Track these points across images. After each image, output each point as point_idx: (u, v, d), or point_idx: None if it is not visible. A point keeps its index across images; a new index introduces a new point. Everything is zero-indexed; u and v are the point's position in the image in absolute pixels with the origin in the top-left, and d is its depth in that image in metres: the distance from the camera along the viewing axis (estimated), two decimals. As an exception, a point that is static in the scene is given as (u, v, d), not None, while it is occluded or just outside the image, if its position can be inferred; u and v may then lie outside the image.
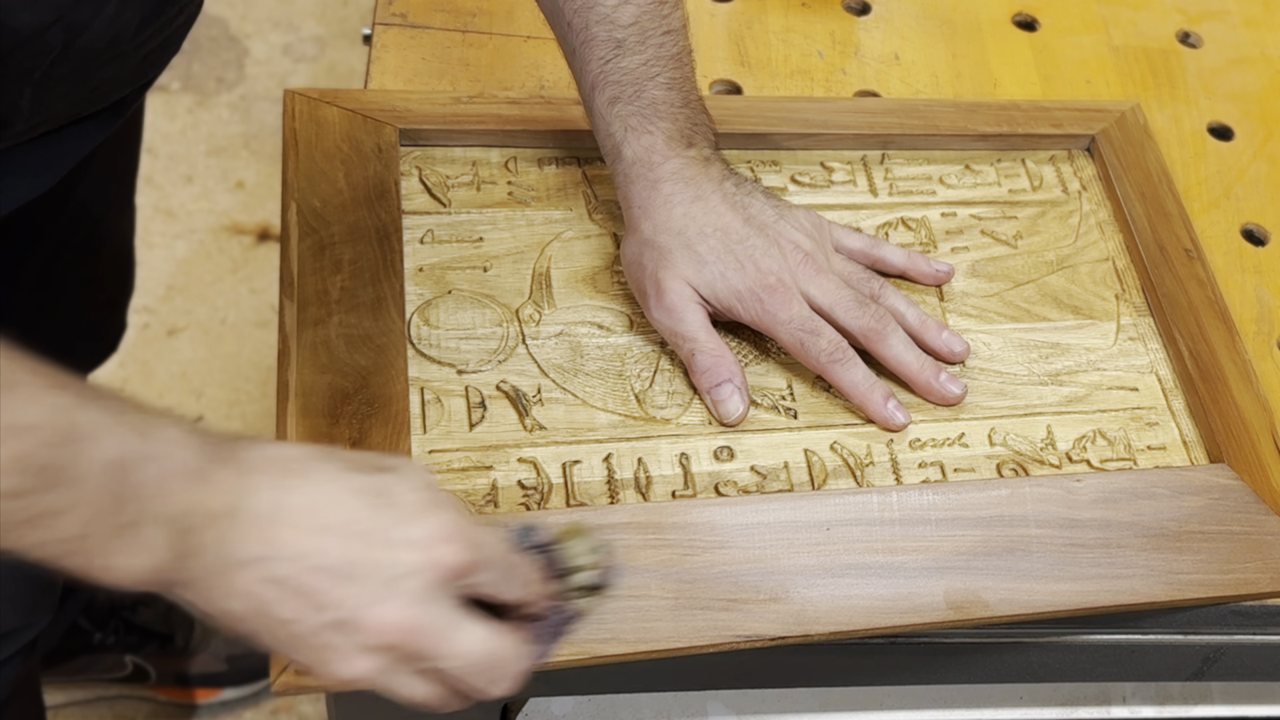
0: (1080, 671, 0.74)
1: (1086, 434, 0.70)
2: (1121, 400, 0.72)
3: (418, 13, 0.87)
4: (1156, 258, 0.77)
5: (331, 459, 0.51)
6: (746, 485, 0.66)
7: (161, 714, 1.30)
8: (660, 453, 0.66)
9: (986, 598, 0.62)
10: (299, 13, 1.94)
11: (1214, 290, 0.76)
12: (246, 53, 1.88)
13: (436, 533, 0.49)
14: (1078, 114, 0.84)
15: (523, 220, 0.75)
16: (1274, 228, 0.85)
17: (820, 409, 0.69)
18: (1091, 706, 0.82)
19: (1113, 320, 0.76)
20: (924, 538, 0.63)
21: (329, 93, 0.76)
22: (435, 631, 0.49)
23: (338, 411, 0.63)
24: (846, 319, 0.69)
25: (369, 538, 0.48)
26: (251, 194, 1.72)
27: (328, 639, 0.48)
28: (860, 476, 0.67)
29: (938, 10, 0.95)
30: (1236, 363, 0.73)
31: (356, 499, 0.49)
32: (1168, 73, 0.93)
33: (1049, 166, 0.83)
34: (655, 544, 0.61)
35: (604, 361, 0.69)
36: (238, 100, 1.82)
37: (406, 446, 0.63)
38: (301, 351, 0.65)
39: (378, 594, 0.48)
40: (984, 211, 0.80)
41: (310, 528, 0.48)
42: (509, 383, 0.68)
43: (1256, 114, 0.92)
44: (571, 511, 0.62)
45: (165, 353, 1.56)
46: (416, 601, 0.48)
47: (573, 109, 0.78)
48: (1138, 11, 0.97)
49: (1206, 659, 0.72)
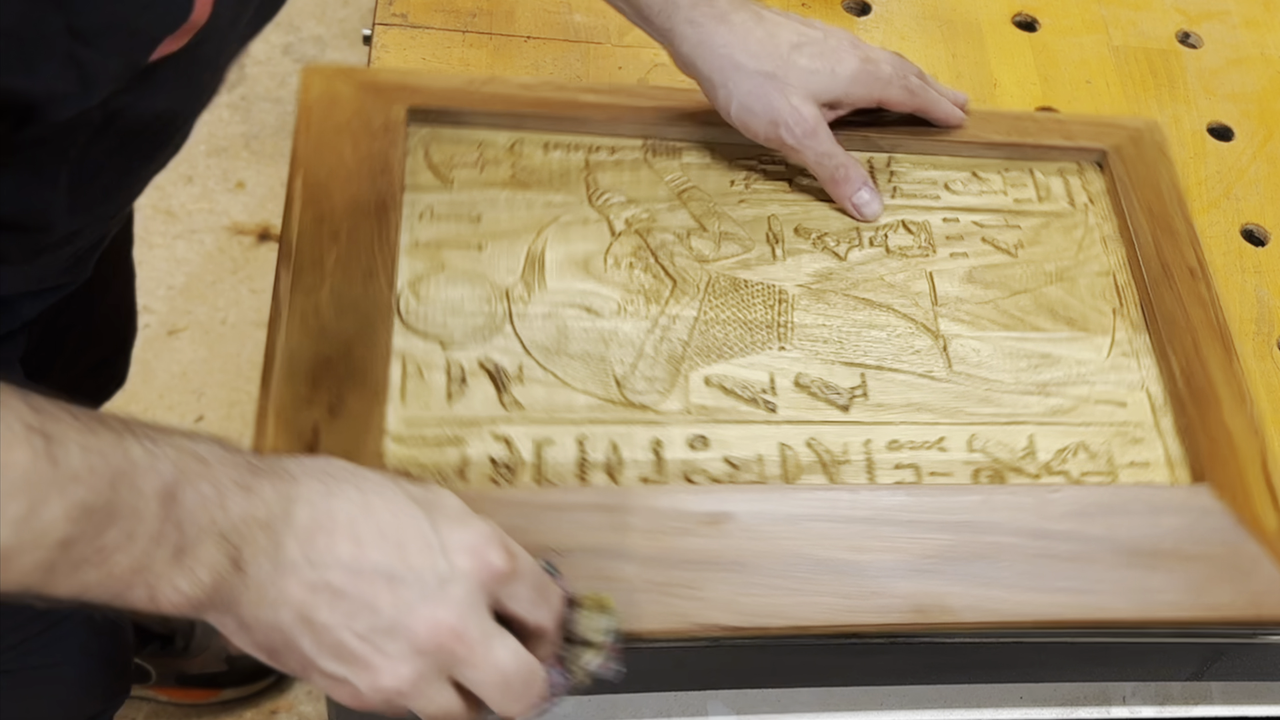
0: (1080, 671, 0.74)
1: (1069, 446, 0.70)
2: (1108, 415, 0.72)
3: (418, 13, 0.87)
4: (1158, 275, 0.77)
5: (373, 470, 0.51)
6: (718, 475, 0.66)
7: (162, 714, 1.30)
8: (635, 438, 0.66)
9: (952, 603, 0.62)
10: (299, 13, 1.94)
11: (1216, 312, 0.75)
12: (246, 53, 1.88)
13: (482, 538, 0.50)
14: (1091, 127, 0.84)
15: (522, 202, 0.75)
16: (1274, 228, 0.85)
17: (800, 404, 0.69)
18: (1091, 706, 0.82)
19: (1107, 335, 0.76)
20: (892, 538, 0.63)
21: (344, 70, 0.76)
22: (478, 637, 0.49)
23: (319, 377, 0.63)
24: (905, 65, 0.79)
25: (417, 542, 0.49)
26: (252, 194, 1.72)
27: (375, 644, 0.48)
28: (834, 473, 0.67)
29: (937, 10, 0.95)
30: (1231, 385, 0.72)
31: (404, 504, 0.50)
32: (1168, 73, 0.93)
33: (1057, 178, 0.83)
34: (619, 527, 0.61)
35: (588, 344, 0.70)
36: (238, 100, 1.82)
37: (381, 414, 0.63)
38: (291, 318, 0.65)
39: (427, 596, 0.48)
40: (987, 219, 0.80)
41: (358, 532, 0.48)
42: (491, 360, 0.68)
43: (1256, 114, 0.92)
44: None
45: (165, 353, 1.56)
46: (464, 605, 0.49)
47: (583, 95, 0.78)
48: (1138, 12, 0.97)
49: (1206, 659, 0.72)
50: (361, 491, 0.49)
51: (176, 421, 1.51)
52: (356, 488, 0.50)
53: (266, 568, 0.47)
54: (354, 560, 0.48)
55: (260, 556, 0.47)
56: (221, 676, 1.29)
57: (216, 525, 0.46)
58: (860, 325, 0.73)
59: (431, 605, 0.48)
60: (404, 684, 0.49)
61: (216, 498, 0.46)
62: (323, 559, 0.48)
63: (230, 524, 0.46)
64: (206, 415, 1.52)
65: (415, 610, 0.48)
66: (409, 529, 0.49)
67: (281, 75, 1.86)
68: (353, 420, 0.63)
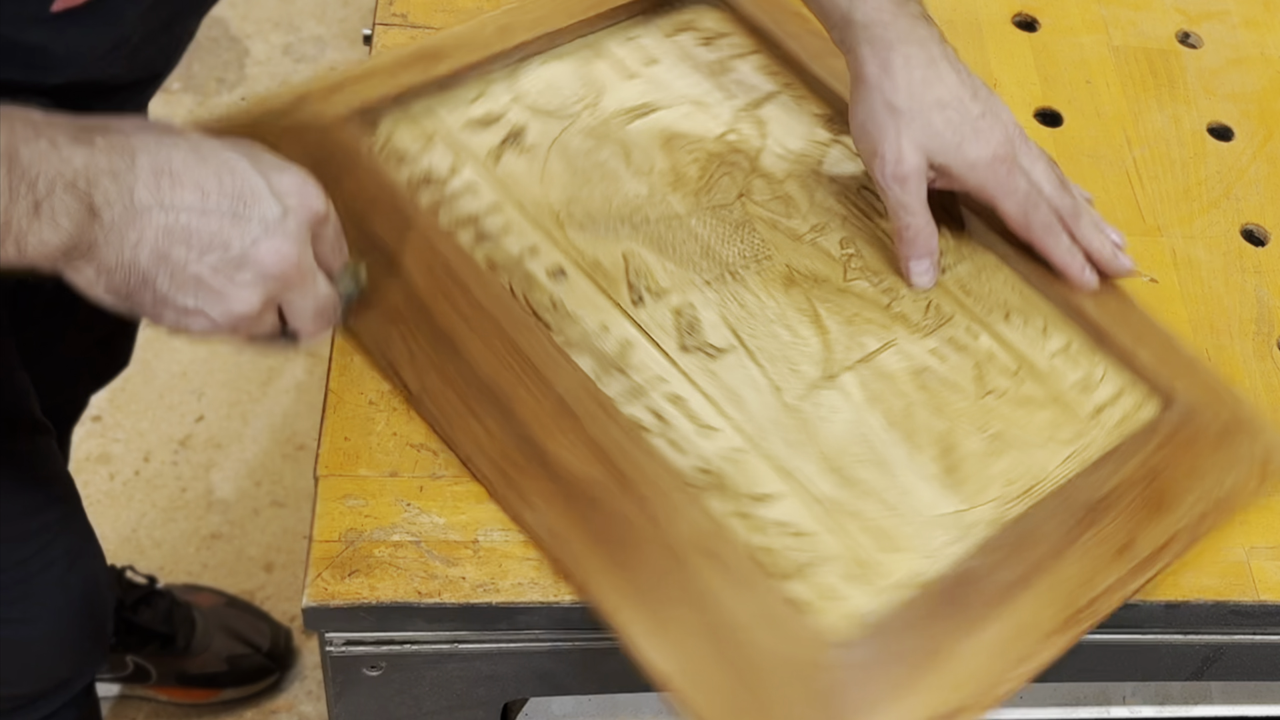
0: (1080, 671, 0.74)
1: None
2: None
3: (418, 13, 0.87)
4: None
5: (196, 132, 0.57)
6: (553, 294, 0.72)
7: (162, 714, 1.30)
8: (542, 253, 0.74)
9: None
10: (299, 13, 1.94)
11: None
12: (247, 53, 1.89)
13: (303, 182, 0.58)
14: (1207, 389, 0.73)
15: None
16: (1274, 228, 0.85)
17: (662, 322, 0.71)
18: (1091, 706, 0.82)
19: (967, 511, 0.67)
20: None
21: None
22: (309, 267, 0.58)
23: None
24: (1053, 196, 0.74)
25: (251, 184, 0.56)
26: (252, 194, 1.72)
27: (227, 274, 0.55)
28: (610, 369, 0.69)
29: (938, 10, 0.94)
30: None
31: (228, 153, 0.56)
32: (1168, 73, 0.93)
33: (1112, 385, 0.73)
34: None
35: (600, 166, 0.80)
36: (238, 100, 1.82)
37: None
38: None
39: (270, 231, 0.56)
40: (1002, 356, 0.73)
41: (198, 178, 0.54)
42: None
43: (1256, 114, 0.92)
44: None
45: (165, 353, 1.56)
46: (295, 239, 0.57)
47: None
48: (1138, 11, 0.98)
49: (1206, 659, 0.72)
50: (190, 142, 0.55)
51: (177, 421, 1.51)
52: (185, 138, 0.55)
53: (120, 211, 0.52)
54: (200, 202, 0.54)
55: (113, 201, 0.52)
56: (221, 676, 1.29)
57: (63, 176, 0.50)
58: (784, 319, 0.73)
59: (274, 239, 0.56)
60: (252, 309, 0.57)
61: (54, 151, 0.50)
62: (173, 202, 0.53)
63: (75, 173, 0.51)
64: (206, 415, 1.52)
65: (260, 244, 0.56)
66: (241, 174, 0.56)
67: (282, 75, 1.86)
68: None
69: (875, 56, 0.72)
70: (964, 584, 0.62)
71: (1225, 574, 0.68)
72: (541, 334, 0.68)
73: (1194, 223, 0.83)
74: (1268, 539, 0.69)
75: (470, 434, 0.65)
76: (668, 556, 0.61)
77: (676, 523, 0.62)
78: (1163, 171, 0.87)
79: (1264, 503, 0.71)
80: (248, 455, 1.49)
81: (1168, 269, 0.81)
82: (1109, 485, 0.67)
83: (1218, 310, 0.79)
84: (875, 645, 0.60)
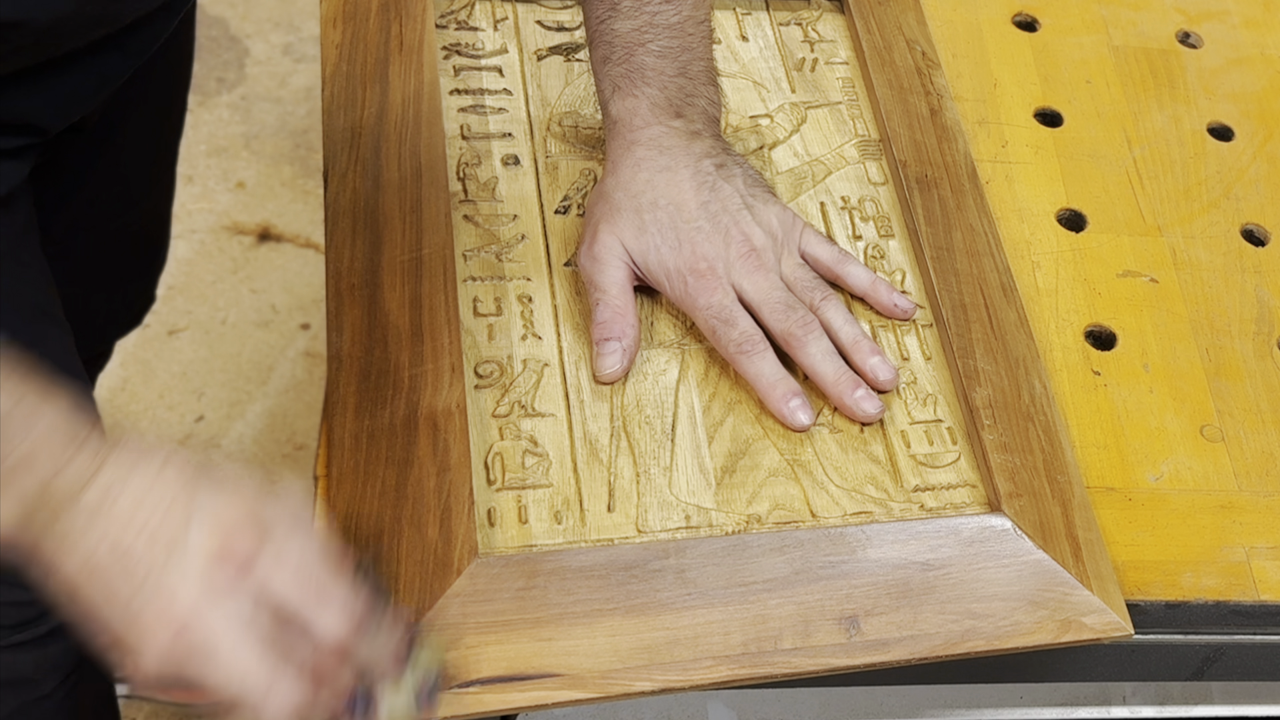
0: (1080, 671, 0.74)
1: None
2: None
3: None
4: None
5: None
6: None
7: (162, 713, 1.30)
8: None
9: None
10: (299, 13, 1.94)
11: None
12: (247, 53, 1.89)
13: (233, 516, 0.52)
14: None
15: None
16: (1274, 228, 0.85)
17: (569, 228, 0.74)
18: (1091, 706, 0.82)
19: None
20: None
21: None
22: (207, 637, 0.51)
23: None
24: (770, 318, 0.69)
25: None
26: (252, 194, 1.72)
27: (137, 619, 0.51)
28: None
29: (938, 10, 0.95)
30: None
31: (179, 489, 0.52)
32: (1168, 73, 0.93)
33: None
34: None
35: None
36: (238, 100, 1.82)
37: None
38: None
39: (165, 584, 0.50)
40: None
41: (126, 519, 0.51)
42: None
43: (1256, 114, 0.92)
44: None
45: (165, 353, 1.56)
46: (201, 596, 0.51)
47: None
48: (1138, 11, 0.98)
49: (1206, 659, 0.72)
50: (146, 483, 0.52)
51: (177, 421, 1.51)
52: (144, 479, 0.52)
53: (58, 533, 0.51)
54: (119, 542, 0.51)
55: (52, 522, 0.50)
56: (222, 676, 1.29)
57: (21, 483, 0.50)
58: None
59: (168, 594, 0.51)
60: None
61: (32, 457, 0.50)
62: (95, 539, 0.51)
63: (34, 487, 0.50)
64: (206, 415, 1.52)
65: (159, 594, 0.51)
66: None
67: (281, 75, 1.86)
68: None
69: (614, 150, 0.72)
70: (630, 571, 0.61)
71: (1225, 574, 0.68)
72: (446, 199, 0.72)
73: (1194, 223, 0.83)
74: (1268, 539, 0.70)
75: (338, 252, 0.70)
76: (406, 417, 0.63)
77: (431, 393, 0.64)
78: (1163, 171, 0.87)
79: (1264, 503, 0.71)
80: (248, 455, 1.49)
81: (1168, 269, 0.81)
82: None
83: (1218, 310, 0.79)
84: (512, 574, 0.59)
